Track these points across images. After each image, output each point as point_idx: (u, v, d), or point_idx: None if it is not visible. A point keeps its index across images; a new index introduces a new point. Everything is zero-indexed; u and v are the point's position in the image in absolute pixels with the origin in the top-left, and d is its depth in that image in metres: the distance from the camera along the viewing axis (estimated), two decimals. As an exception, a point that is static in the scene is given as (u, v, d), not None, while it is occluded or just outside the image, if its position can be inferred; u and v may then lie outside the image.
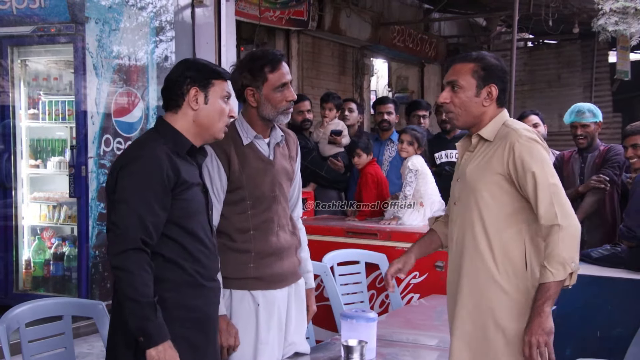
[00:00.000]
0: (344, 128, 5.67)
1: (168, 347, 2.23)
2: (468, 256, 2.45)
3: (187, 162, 2.41)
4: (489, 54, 2.55)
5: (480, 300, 2.42)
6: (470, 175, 2.44)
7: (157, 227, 2.27)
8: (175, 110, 2.42)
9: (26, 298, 4.13)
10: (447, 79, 2.50)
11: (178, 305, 2.35)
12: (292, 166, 2.96)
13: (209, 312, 2.47)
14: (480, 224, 2.41)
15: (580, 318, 3.75)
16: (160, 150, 2.32)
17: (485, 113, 2.46)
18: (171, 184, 2.30)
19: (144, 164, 2.29)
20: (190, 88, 2.40)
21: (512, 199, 2.38)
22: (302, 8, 8.15)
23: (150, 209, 2.25)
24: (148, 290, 2.21)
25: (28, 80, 5.58)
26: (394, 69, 11.88)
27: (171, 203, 2.31)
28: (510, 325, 2.37)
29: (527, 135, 2.38)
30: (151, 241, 2.25)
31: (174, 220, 2.33)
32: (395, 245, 4.43)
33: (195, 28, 5.31)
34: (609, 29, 8.38)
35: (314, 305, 3.08)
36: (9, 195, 5.43)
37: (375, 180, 5.02)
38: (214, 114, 2.43)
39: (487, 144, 2.45)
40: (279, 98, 2.78)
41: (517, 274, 2.38)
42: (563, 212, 2.27)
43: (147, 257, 2.24)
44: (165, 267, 2.32)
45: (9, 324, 2.50)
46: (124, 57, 5.43)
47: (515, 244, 2.38)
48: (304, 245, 3.08)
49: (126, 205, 2.25)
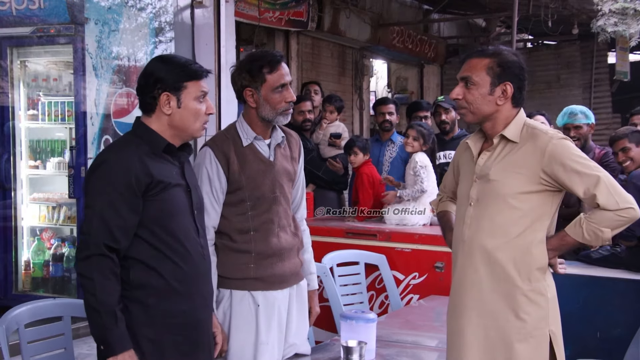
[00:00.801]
0: (344, 131, 5.70)
1: (128, 357, 2.19)
2: (484, 261, 2.36)
3: (168, 162, 2.35)
4: (507, 48, 2.44)
5: (500, 305, 2.34)
6: (496, 177, 2.34)
7: (125, 231, 2.22)
8: (149, 114, 2.37)
9: (25, 299, 4.14)
10: (461, 74, 2.39)
11: (161, 311, 2.29)
12: (293, 167, 2.94)
13: (196, 317, 2.39)
14: (502, 227, 2.33)
15: (580, 318, 3.75)
16: (130, 152, 2.28)
17: (499, 112, 2.36)
18: (142, 186, 2.24)
19: (110, 168, 2.24)
20: (161, 93, 2.32)
21: (539, 203, 2.32)
22: (302, 9, 8.14)
23: (116, 212, 2.20)
24: (108, 299, 2.17)
25: (27, 81, 5.58)
26: (394, 69, 11.88)
27: (146, 205, 2.25)
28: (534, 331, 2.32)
29: (557, 135, 2.33)
30: (117, 246, 2.21)
31: (151, 222, 2.27)
32: (395, 246, 4.43)
33: (195, 29, 5.31)
34: (608, 30, 8.38)
35: (317, 307, 3.08)
36: (8, 196, 5.43)
37: (371, 181, 5.03)
38: (188, 117, 2.35)
39: (510, 145, 2.36)
40: (278, 99, 2.77)
41: (537, 278, 2.34)
42: (621, 197, 2.25)
43: (110, 263, 2.19)
44: (146, 273, 2.27)
45: (8, 325, 2.50)
46: (123, 58, 5.43)
47: (537, 249, 2.33)
48: (307, 247, 3.07)
49: (92, 210, 2.22)
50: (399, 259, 4.43)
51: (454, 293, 2.47)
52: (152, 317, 2.28)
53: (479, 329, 2.36)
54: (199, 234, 2.42)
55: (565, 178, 2.27)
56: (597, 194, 2.23)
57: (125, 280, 2.25)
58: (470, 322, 2.38)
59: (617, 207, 2.23)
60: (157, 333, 2.28)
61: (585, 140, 4.78)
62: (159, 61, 2.42)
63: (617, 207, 2.23)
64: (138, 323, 2.26)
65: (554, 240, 2.36)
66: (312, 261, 3.11)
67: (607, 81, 11.64)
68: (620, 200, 2.24)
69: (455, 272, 2.47)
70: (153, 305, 2.28)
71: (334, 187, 5.68)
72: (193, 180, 2.48)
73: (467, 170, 2.48)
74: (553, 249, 2.35)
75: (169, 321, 2.31)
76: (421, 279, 4.37)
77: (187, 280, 2.33)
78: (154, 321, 2.28)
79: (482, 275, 2.36)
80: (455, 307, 2.46)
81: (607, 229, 2.25)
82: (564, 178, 2.27)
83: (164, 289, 2.29)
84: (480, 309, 2.37)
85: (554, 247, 2.35)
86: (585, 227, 2.27)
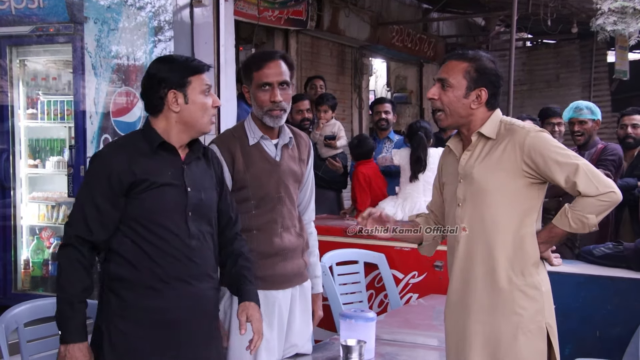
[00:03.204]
0: (340, 129, 5.74)
1: (77, 350, 2.24)
2: (478, 259, 2.39)
3: (165, 161, 2.36)
4: (486, 55, 2.49)
5: (498, 304, 2.36)
6: (479, 175, 2.38)
7: (102, 223, 2.29)
8: (157, 114, 2.39)
9: (25, 298, 4.12)
10: (439, 75, 2.45)
11: (137, 305, 2.32)
12: (301, 168, 2.94)
13: (174, 317, 2.35)
14: (493, 224, 2.37)
15: (580, 317, 3.75)
16: (117, 150, 2.35)
17: (474, 115, 2.41)
18: (124, 184, 2.29)
19: (94, 165, 2.35)
20: (168, 92, 2.35)
21: (526, 197, 2.36)
22: (301, 8, 8.15)
23: (94, 205, 2.28)
24: (69, 288, 2.25)
25: (27, 80, 5.57)
26: (393, 68, 11.88)
27: (129, 202, 2.30)
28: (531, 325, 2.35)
29: (533, 128, 2.37)
30: (90, 237, 2.28)
31: (133, 219, 2.31)
32: (394, 245, 4.43)
33: (194, 28, 5.30)
34: (607, 29, 8.39)
35: (320, 310, 3.08)
36: (7, 195, 5.42)
37: (367, 179, 5.07)
38: (196, 111, 2.38)
39: (489, 142, 2.40)
40: (262, 97, 2.76)
41: (531, 273, 2.36)
42: (601, 182, 2.28)
43: (77, 254, 2.27)
44: (123, 267, 2.32)
45: (7, 324, 2.50)
46: (122, 56, 5.43)
47: (529, 244, 2.36)
48: (314, 249, 3.07)
49: (77, 202, 2.34)
50: (398, 257, 4.43)
51: (450, 292, 2.50)
52: (125, 310, 2.32)
53: (477, 325, 2.39)
54: (189, 236, 2.37)
55: (546, 168, 2.31)
56: (577, 181, 2.27)
57: (106, 272, 2.33)
58: (468, 320, 2.40)
59: (597, 192, 2.26)
60: (128, 326, 2.31)
61: (590, 136, 4.76)
62: (160, 62, 2.44)
63: (598, 192, 2.26)
64: (113, 314, 2.32)
65: (543, 233, 2.39)
66: (318, 264, 3.11)
67: (606, 80, 11.65)
68: (600, 185, 2.27)
69: (451, 271, 2.50)
70: (127, 299, 2.32)
71: (333, 187, 5.71)
72: (198, 181, 2.43)
73: (451, 171, 2.51)
74: (544, 242, 2.38)
75: (141, 316, 2.33)
76: (420, 277, 4.38)
77: (164, 279, 2.33)
78: (127, 314, 2.32)
79: (478, 273, 2.39)
80: (453, 306, 2.49)
81: (592, 214, 2.28)
82: (544, 168, 2.31)
83: (139, 284, 2.32)
84: (477, 307, 2.39)
85: (544, 239, 2.38)
86: (571, 216, 2.30)
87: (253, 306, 2.48)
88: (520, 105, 11.14)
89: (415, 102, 11.84)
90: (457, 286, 2.46)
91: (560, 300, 2.43)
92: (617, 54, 11.02)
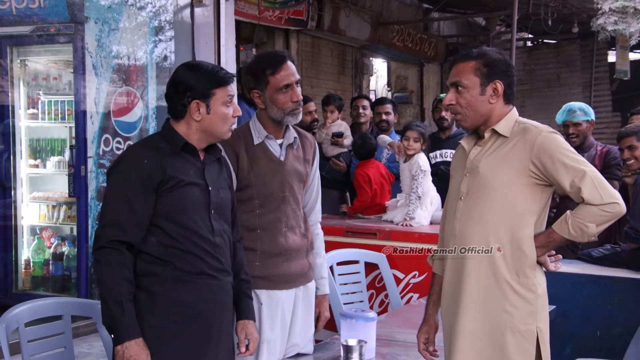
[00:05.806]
0: (345, 129, 5.74)
1: (134, 345, 2.25)
2: (474, 254, 2.38)
3: (187, 161, 2.42)
4: (490, 48, 2.48)
5: (489, 300, 2.36)
6: (485, 170, 2.37)
7: (137, 223, 2.31)
8: (178, 119, 2.44)
9: (25, 298, 4.13)
10: (450, 81, 2.44)
11: (167, 299, 2.36)
12: (305, 169, 2.94)
13: (205, 309, 2.42)
14: (492, 221, 2.35)
15: (580, 317, 3.75)
16: (143, 150, 2.39)
17: (493, 110, 2.40)
18: (154, 182, 2.32)
19: (124, 165, 2.36)
20: (191, 101, 2.40)
21: (528, 197, 2.34)
22: (302, 8, 8.15)
23: (128, 206, 2.30)
24: (115, 288, 2.26)
25: (27, 80, 5.58)
26: (393, 68, 11.89)
27: (158, 199, 2.33)
28: (522, 326, 2.33)
29: (547, 129, 2.35)
30: (127, 238, 2.29)
31: (162, 216, 2.34)
32: (395, 244, 4.43)
33: (195, 28, 5.30)
34: (608, 29, 8.40)
35: (326, 312, 3.08)
36: (8, 195, 5.43)
37: (367, 180, 5.08)
38: (217, 121, 2.43)
39: (501, 139, 2.39)
40: (283, 99, 2.77)
41: (526, 274, 2.35)
42: (606, 193, 2.26)
43: (118, 255, 2.28)
44: (152, 262, 2.35)
45: (8, 324, 2.50)
46: (123, 56, 5.43)
47: (527, 245, 2.34)
48: (320, 250, 3.07)
49: (107, 205, 2.36)
50: (399, 257, 4.43)
51: (445, 287, 2.50)
52: (155, 305, 2.35)
53: (470, 321, 2.38)
54: (213, 233, 2.44)
55: (553, 170, 2.29)
56: (582, 187, 2.25)
57: (134, 270, 2.33)
58: (462, 315, 2.40)
59: (601, 201, 2.24)
60: (159, 320, 2.34)
61: (585, 137, 4.75)
62: (188, 69, 2.46)
63: (602, 202, 2.24)
64: (144, 310, 2.34)
65: (541, 237, 2.37)
66: (324, 265, 3.11)
67: (607, 80, 11.65)
68: (605, 194, 2.25)
69: (446, 266, 2.49)
70: (157, 293, 2.34)
71: (337, 186, 5.72)
72: (217, 181, 2.51)
73: (459, 166, 2.51)
74: (541, 245, 2.36)
75: (171, 310, 2.36)
76: (421, 277, 4.37)
77: (193, 272, 2.38)
78: (157, 309, 2.35)
79: (472, 269, 2.38)
80: (447, 301, 2.49)
81: (592, 224, 2.26)
82: (551, 170, 2.29)
83: (168, 277, 2.35)
84: (468, 302, 2.38)
85: (542, 243, 2.36)
86: (571, 223, 2.28)
87: (252, 324, 2.60)
88: (521, 105, 11.13)
89: (415, 102, 11.84)
90: (450, 281, 2.46)
91: (560, 300, 2.43)
92: (617, 54, 11.02)
